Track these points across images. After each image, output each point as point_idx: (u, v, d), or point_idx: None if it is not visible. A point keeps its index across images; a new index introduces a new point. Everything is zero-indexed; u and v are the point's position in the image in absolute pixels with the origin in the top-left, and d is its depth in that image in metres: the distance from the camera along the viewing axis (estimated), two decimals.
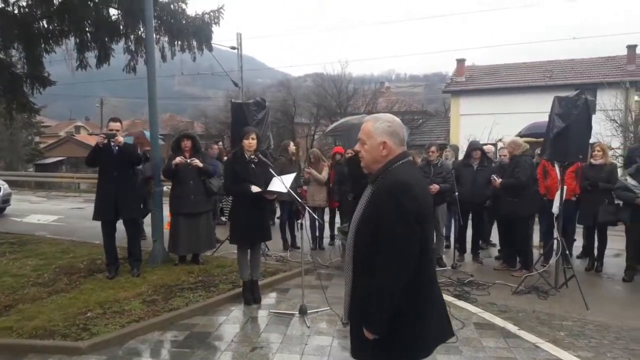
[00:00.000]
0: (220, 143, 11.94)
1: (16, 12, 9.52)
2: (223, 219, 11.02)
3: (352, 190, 7.34)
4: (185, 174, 6.70)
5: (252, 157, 5.39)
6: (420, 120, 30.27)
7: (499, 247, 7.75)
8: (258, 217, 5.39)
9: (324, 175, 8.41)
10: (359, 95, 33.99)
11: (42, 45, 9.87)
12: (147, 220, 6.78)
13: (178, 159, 6.64)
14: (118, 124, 6.26)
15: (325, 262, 7.31)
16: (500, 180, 6.80)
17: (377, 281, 2.07)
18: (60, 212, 13.07)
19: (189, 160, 6.66)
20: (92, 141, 41.60)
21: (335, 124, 11.84)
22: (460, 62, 27.03)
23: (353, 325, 2.28)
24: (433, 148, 7.46)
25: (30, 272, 6.30)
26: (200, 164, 6.70)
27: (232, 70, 24.56)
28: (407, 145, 2.49)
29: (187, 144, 6.82)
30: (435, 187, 6.85)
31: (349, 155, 8.15)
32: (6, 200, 12.49)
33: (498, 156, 8.58)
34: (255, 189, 5.23)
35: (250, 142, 5.36)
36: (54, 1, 9.44)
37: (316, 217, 6.93)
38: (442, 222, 7.52)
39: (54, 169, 35.94)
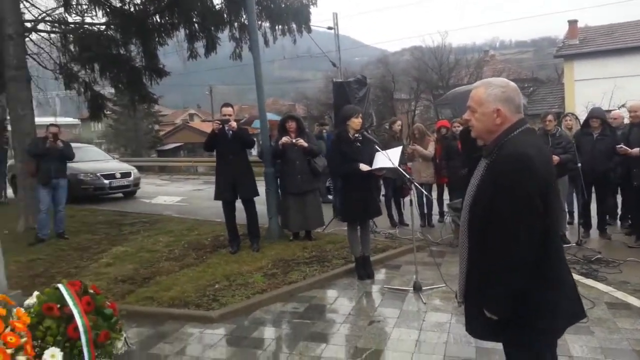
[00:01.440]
0: (327, 127, 12.11)
1: (132, 10, 10.35)
2: (330, 197, 11.26)
3: (464, 164, 7.10)
4: (292, 155, 6.93)
5: (357, 135, 5.41)
6: (531, 88, 28.30)
7: (629, 222, 7.10)
8: (367, 194, 5.44)
9: (430, 150, 8.22)
10: (462, 66, 32.58)
11: (156, 39, 10.68)
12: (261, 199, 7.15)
13: (284, 139, 6.88)
14: (230, 108, 6.61)
15: (435, 239, 7.20)
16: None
17: (496, 261, 1.95)
18: (183, 194, 14.18)
19: (294, 141, 6.87)
20: (205, 127, 44.35)
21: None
22: (572, 23, 24.66)
23: (470, 304, 2.19)
24: (550, 117, 6.95)
25: (162, 248, 6.94)
26: (305, 144, 6.88)
27: (329, 50, 24.70)
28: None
29: (291, 125, 7.04)
30: (555, 159, 6.41)
31: (456, 127, 7.88)
32: (137, 184, 13.81)
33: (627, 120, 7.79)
34: (364, 167, 5.26)
35: (359, 120, 5.38)
36: None
37: (425, 192, 6.81)
38: (563, 195, 7.03)
39: (173, 154, 38.99)
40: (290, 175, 6.98)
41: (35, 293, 3.59)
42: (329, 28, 24.96)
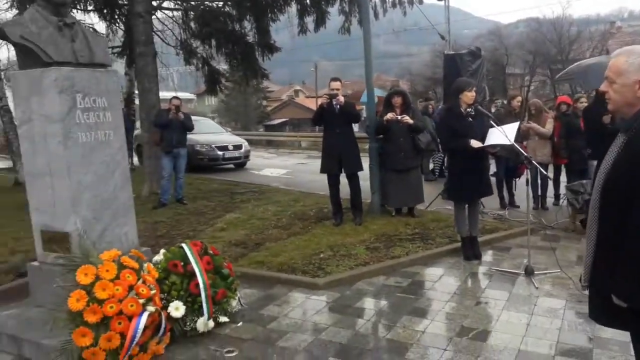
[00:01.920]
0: (432, 103, 11.79)
1: None
2: (434, 175, 11.01)
3: (588, 144, 6.57)
4: (396, 131, 6.82)
5: (469, 110, 5.18)
6: None
7: None
8: (477, 172, 5.23)
9: (549, 128, 7.66)
10: (584, 39, 29.81)
11: (269, 15, 10.96)
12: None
13: (389, 115, 6.78)
14: (338, 83, 6.65)
15: (549, 222, 6.76)
16: None
17: (632, 247, 1.81)
18: (288, 167, 14.67)
19: (399, 117, 6.75)
20: (309, 103, 45.23)
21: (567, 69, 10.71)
22: None
23: (596, 289, 2.05)
24: None
25: (271, 216, 7.26)
26: (411, 121, 6.73)
27: (437, 23, 23.78)
28: None
29: (397, 100, 6.91)
30: None
31: (582, 102, 7.27)
32: (247, 156, 14.55)
33: None
34: (475, 143, 5.03)
35: (471, 95, 5.14)
36: None
37: (545, 173, 6.40)
38: None
39: (279, 129, 40.38)
40: (393, 152, 6.90)
41: (162, 251, 3.96)
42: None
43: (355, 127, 10.06)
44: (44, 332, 3.32)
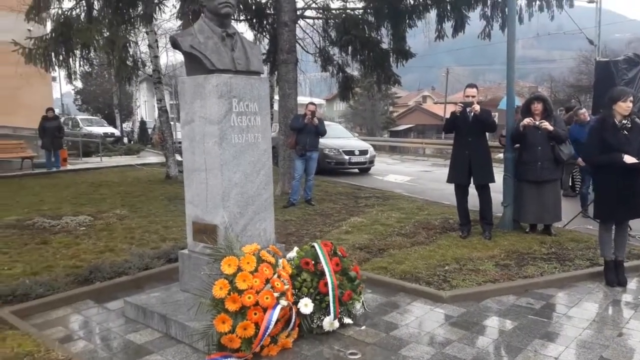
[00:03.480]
0: (582, 110, 10.92)
1: None
2: (574, 191, 10.19)
3: None
4: (534, 140, 6.43)
5: (625, 122, 4.74)
6: None
7: None
8: (629, 190, 4.76)
9: None
10: None
11: (407, 21, 11.00)
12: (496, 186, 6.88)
13: (526, 120, 6.42)
14: (474, 89, 6.46)
15: None
16: None
17: None
18: (412, 174, 14.58)
19: (537, 123, 6.36)
20: (437, 109, 44.30)
21: None
22: None
23: None
24: None
25: (394, 223, 7.30)
26: (550, 127, 6.30)
27: (585, 27, 21.85)
28: None
29: (537, 107, 6.51)
30: None
31: None
32: (371, 162, 14.76)
33: None
34: (629, 159, 4.61)
35: (627, 106, 4.71)
36: None
37: None
38: None
39: (404, 135, 40.17)
40: (529, 161, 6.51)
41: (295, 248, 4.21)
42: (590, 1, 22.06)
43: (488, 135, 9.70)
44: (189, 315, 3.70)
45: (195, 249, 4.11)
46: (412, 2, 10.88)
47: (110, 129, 28.59)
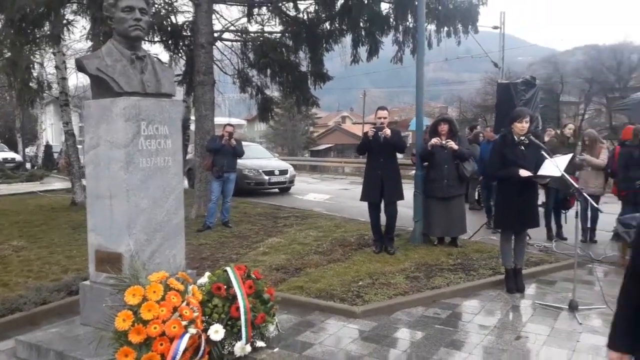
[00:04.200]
0: (478, 127, 11.71)
1: (305, 18, 11.10)
2: (479, 204, 10.83)
3: None
4: (441, 158, 6.84)
5: (522, 139, 5.16)
6: None
7: None
8: (525, 202, 5.16)
9: (603, 158, 7.46)
10: None
11: (324, 45, 11.29)
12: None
13: (434, 140, 6.83)
14: (385, 112, 6.74)
15: (597, 256, 6.53)
16: None
17: None
18: (331, 192, 14.83)
19: (444, 142, 6.76)
20: (356, 130, 45.47)
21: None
22: None
23: None
24: None
25: (312, 242, 7.36)
26: (455, 146, 6.75)
27: (490, 51, 23.62)
28: None
29: (443, 127, 6.95)
30: None
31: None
32: (292, 181, 14.84)
33: None
34: (524, 172, 5.00)
35: (522, 126, 5.13)
36: (336, 4, 10.66)
37: (597, 205, 6.21)
38: None
39: (324, 154, 40.78)
40: (437, 179, 6.90)
41: (207, 273, 4.11)
42: (495, 27, 23.93)
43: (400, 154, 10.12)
44: (88, 351, 3.47)
45: (97, 280, 3.90)
46: (328, 27, 11.20)
47: (10, 154, 26.58)
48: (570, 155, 5.29)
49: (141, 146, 3.78)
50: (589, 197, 5.15)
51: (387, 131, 6.47)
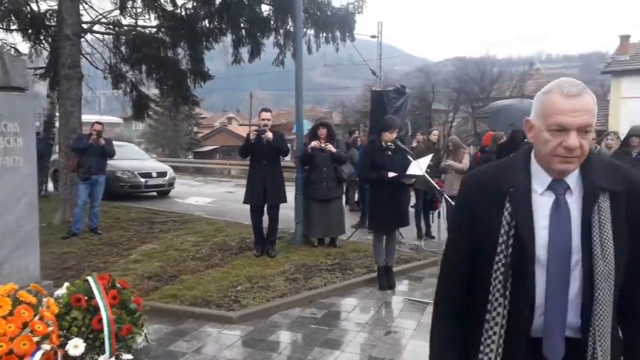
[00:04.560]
0: (357, 132, 12.19)
1: (183, 14, 10.69)
2: (358, 206, 11.26)
3: None
4: (320, 161, 7.00)
5: (389, 144, 5.44)
6: None
7: None
8: (395, 203, 5.43)
9: (465, 163, 8.13)
10: (505, 79, 32.09)
11: (204, 43, 10.97)
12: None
13: (313, 143, 6.97)
14: (269, 114, 6.72)
15: None
16: None
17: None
18: (214, 195, 14.45)
19: (323, 145, 6.93)
20: (242, 131, 45.04)
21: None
22: (625, 38, 23.94)
23: None
24: None
25: (190, 247, 7.09)
26: (334, 149, 6.95)
27: (370, 59, 24.76)
28: None
29: (322, 132, 7.11)
30: None
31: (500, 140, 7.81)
32: (171, 184, 14.16)
33: None
34: (391, 174, 5.28)
35: (391, 136, 5.40)
36: (215, 2, 10.41)
37: (454, 205, 6.75)
38: None
39: (209, 156, 39.80)
40: (316, 181, 7.04)
41: (65, 284, 3.75)
42: (373, 36, 25.08)
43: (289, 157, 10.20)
44: None
45: None
46: (208, 25, 10.90)
47: None
48: (430, 156, 5.70)
49: None
50: (447, 197, 5.59)
51: (269, 134, 6.45)
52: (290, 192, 7.02)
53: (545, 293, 1.37)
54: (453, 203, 6.56)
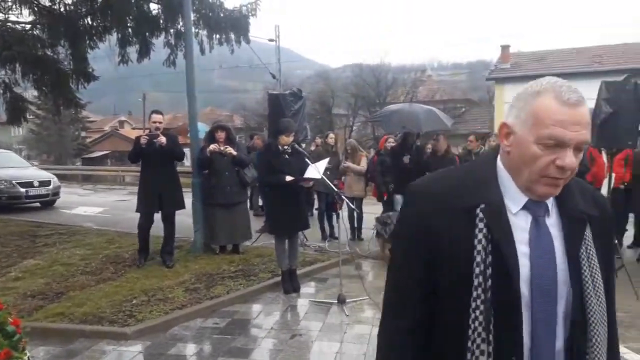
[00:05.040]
0: (256, 137, 12.06)
1: (62, 10, 9.87)
2: (262, 210, 11.16)
3: (393, 181, 7.30)
4: (220, 165, 6.78)
5: (286, 148, 5.42)
6: (463, 109, 29.71)
7: None
8: (295, 206, 5.43)
9: (363, 165, 8.37)
10: (399, 85, 33.69)
11: (87, 42, 10.20)
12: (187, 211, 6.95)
13: (212, 146, 6.69)
14: (160, 116, 6.38)
15: (364, 252, 7.30)
16: None
17: None
18: (105, 204, 13.51)
19: (222, 148, 6.72)
20: (135, 135, 42.80)
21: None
22: (505, 48, 26.23)
23: None
24: (471, 137, 7.35)
25: (79, 261, 6.54)
26: (234, 152, 6.74)
27: (270, 62, 24.76)
28: (449, 134, 2.22)
29: (220, 135, 6.84)
30: None
31: (390, 142, 8.13)
32: (56, 193, 12.99)
33: None
34: (289, 178, 5.26)
35: (287, 140, 5.39)
36: None
37: (353, 207, 6.91)
38: None
39: (99, 162, 37.19)
40: (219, 186, 6.82)
41: None
42: (270, 40, 25.09)
43: (187, 161, 9.78)
44: None
45: None
46: (90, 23, 10.17)
47: None
48: (327, 160, 5.78)
49: None
50: (345, 198, 5.70)
51: (162, 139, 6.09)
52: (187, 198, 6.74)
53: (531, 338, 1.12)
54: (352, 205, 6.75)
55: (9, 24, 9.92)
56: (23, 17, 10.02)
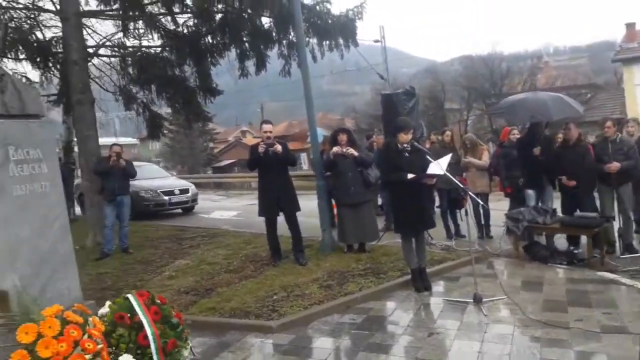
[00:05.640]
0: (374, 137, 12.14)
1: (185, 32, 10.83)
2: (382, 210, 11.19)
3: (522, 174, 6.95)
4: (344, 167, 6.99)
5: (405, 145, 5.40)
6: (589, 95, 27.15)
7: None
8: (419, 204, 5.39)
9: (485, 159, 8.06)
10: (514, 73, 31.79)
11: (209, 59, 11.08)
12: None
13: (335, 149, 6.95)
14: (270, 125, 6.73)
15: (494, 250, 7.02)
16: None
17: None
18: (238, 208, 14.49)
19: (344, 150, 6.93)
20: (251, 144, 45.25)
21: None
22: (630, 26, 23.61)
23: None
24: (609, 123, 6.69)
25: (222, 261, 7.14)
26: (356, 153, 6.93)
27: (376, 63, 24.79)
28: (579, 122, 2.05)
29: (342, 137, 7.09)
30: (615, 165, 6.20)
31: (514, 134, 7.74)
32: (194, 200, 14.29)
33: None
34: (411, 175, 5.24)
35: (406, 137, 5.38)
36: (215, 18, 10.51)
37: (480, 202, 6.68)
38: (628, 203, 6.68)
39: (228, 170, 39.95)
40: (343, 187, 7.03)
41: (108, 303, 3.80)
42: (376, 41, 25.12)
43: (305, 165, 10.22)
44: None
45: None
46: (211, 41, 11.01)
47: None
48: (449, 155, 5.63)
49: (12, 172, 3.42)
50: (471, 193, 5.53)
51: (278, 147, 6.46)
52: (309, 200, 7.00)
53: None
54: (479, 200, 6.52)
55: (143, 49, 11.11)
56: (153, 41, 11.17)
